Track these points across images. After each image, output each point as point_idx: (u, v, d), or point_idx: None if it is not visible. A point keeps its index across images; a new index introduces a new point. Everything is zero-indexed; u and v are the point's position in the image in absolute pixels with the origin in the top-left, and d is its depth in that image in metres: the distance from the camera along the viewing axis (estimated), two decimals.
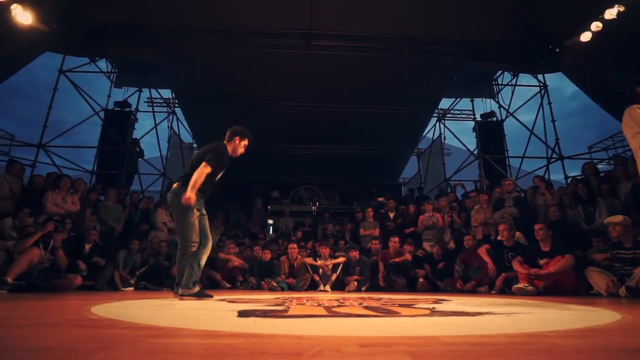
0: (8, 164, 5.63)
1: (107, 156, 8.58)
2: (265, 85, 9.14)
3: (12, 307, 2.18)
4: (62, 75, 8.57)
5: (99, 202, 6.26)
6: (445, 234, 6.76)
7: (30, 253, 4.00)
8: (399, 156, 12.39)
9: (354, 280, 5.69)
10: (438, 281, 5.75)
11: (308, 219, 10.64)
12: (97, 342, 1.05)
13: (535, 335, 1.22)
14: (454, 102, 10.77)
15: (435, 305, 2.67)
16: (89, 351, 0.93)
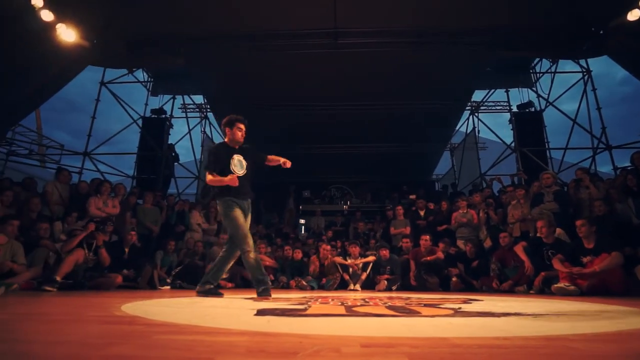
0: (57, 171, 6.09)
1: (146, 161, 9.03)
2: (294, 86, 9.22)
3: (54, 304, 2.35)
4: (104, 87, 9.11)
5: (137, 205, 6.59)
6: (480, 231, 6.50)
7: (75, 254, 4.29)
8: (432, 152, 12.03)
9: (384, 279, 5.61)
10: (473, 280, 5.54)
11: (339, 218, 10.63)
12: (110, 338, 1.11)
13: (556, 339, 1.14)
14: (488, 94, 10.32)
15: (463, 305, 2.57)
16: (98, 346, 0.98)
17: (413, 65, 8.21)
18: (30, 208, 5.19)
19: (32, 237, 4.68)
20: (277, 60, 8.21)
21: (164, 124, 9.38)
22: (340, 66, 8.41)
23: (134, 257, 5.22)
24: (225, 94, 9.82)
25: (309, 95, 9.54)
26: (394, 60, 8.03)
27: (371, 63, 8.22)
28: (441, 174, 13.59)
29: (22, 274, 4.03)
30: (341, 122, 10.13)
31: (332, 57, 8.07)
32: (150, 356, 0.87)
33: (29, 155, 8.47)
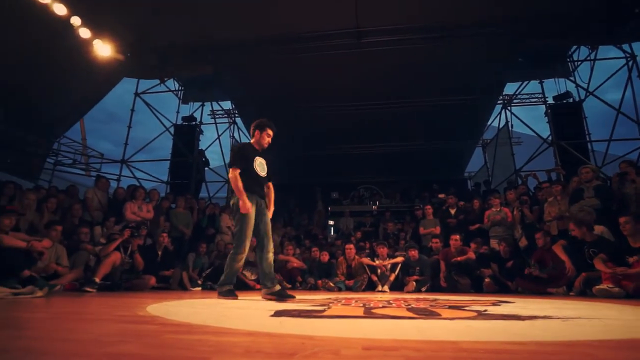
0: (96, 179, 6.46)
1: (178, 167, 9.39)
2: (319, 87, 9.26)
3: (87, 304, 2.49)
4: (138, 97, 9.57)
5: (170, 209, 6.86)
6: (515, 230, 6.20)
7: (112, 256, 4.53)
8: (463, 149, 11.66)
9: (413, 280, 5.49)
10: (508, 281, 5.29)
11: (369, 218, 10.54)
12: (122, 336, 1.15)
13: (575, 345, 1.06)
14: (521, 86, 9.83)
15: (490, 307, 2.46)
16: (107, 343, 1.03)
17: (439, 60, 8.01)
18: (73, 214, 5.54)
19: (74, 241, 4.99)
20: (302, 62, 8.29)
21: (195, 130, 9.71)
22: (365, 65, 8.35)
23: (166, 260, 5.43)
24: (252, 99, 10.03)
25: (334, 96, 9.55)
26: (418, 56, 7.86)
27: (396, 60, 8.10)
28: (474, 172, 13.13)
29: (65, 275, 4.31)
30: (368, 121, 10.06)
31: (355, 57, 8.03)
32: (151, 354, 0.90)
33: (73, 165, 9.06)
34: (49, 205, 5.18)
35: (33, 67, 6.81)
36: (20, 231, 4.27)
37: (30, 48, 6.50)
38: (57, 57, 7.01)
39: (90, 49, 7.01)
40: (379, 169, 12.51)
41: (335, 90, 9.33)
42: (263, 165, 3.45)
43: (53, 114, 7.96)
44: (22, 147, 7.44)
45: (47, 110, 7.78)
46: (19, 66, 6.67)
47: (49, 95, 7.58)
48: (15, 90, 6.96)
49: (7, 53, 6.37)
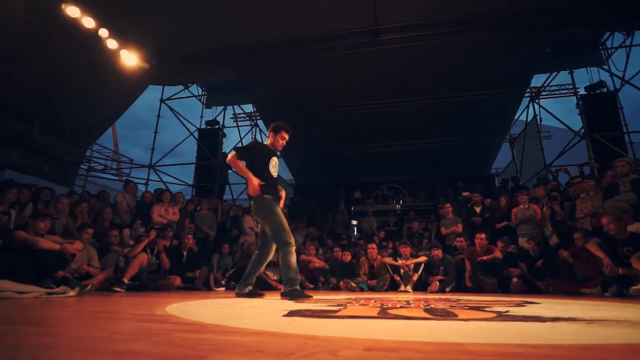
0: (125, 183, 6.72)
1: (203, 170, 9.63)
2: (340, 87, 9.25)
3: (111, 303, 2.60)
4: (163, 104, 9.89)
5: (195, 211, 7.04)
6: (545, 227, 5.95)
7: (140, 258, 4.70)
8: (489, 145, 11.29)
9: (437, 280, 5.37)
10: (537, 281, 5.09)
11: (392, 218, 10.41)
12: (133, 334, 1.19)
13: (592, 348, 1.00)
14: (549, 78, 9.41)
15: (513, 308, 2.36)
16: (117, 341, 1.06)
17: (460, 54, 7.81)
18: (104, 217, 5.80)
19: (105, 243, 5.21)
20: (322, 62, 8.30)
21: (218, 134, 9.93)
22: (385, 62, 8.26)
23: (191, 261, 5.58)
24: (273, 101, 10.14)
25: (355, 95, 9.52)
26: (439, 51, 7.70)
27: (417, 56, 7.97)
28: (501, 168, 12.69)
29: (96, 276, 4.51)
30: (390, 119, 9.94)
31: (375, 54, 7.96)
32: (154, 352, 0.92)
33: (104, 170, 9.48)
34: (81, 210, 5.44)
35: (65, 79, 7.18)
36: (55, 234, 4.51)
37: (62, 61, 6.86)
38: (86, 68, 7.36)
39: (117, 59, 7.33)
40: (403, 167, 12.33)
41: (356, 88, 9.29)
42: (277, 166, 3.50)
43: (85, 123, 8.37)
44: (57, 155, 7.86)
45: (79, 119, 8.18)
46: (52, 79, 7.05)
47: (80, 105, 7.98)
48: (49, 101, 7.37)
49: (40, 67, 6.75)
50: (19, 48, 6.33)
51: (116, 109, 9.16)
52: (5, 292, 2.89)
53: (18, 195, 4.76)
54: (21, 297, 2.93)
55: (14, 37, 6.13)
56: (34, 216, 4.02)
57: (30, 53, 6.54)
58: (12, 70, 6.59)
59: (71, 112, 7.95)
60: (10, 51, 6.34)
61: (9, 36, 6.08)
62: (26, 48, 6.39)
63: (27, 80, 6.87)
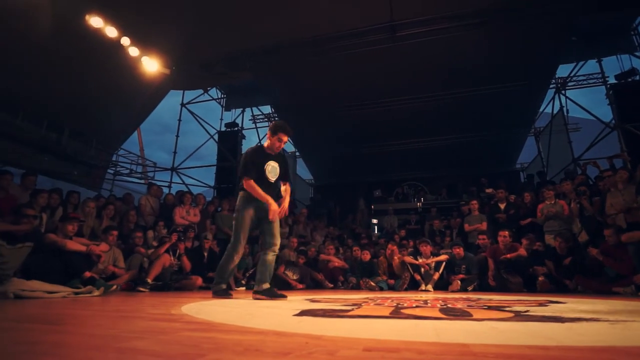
0: (148, 186, 6.93)
1: (223, 172, 9.80)
2: (357, 85, 9.19)
3: (131, 302, 2.68)
4: (184, 108, 10.14)
5: (216, 212, 7.17)
6: (573, 224, 5.71)
7: (162, 258, 4.84)
8: (513, 139, 10.93)
9: (458, 279, 5.25)
10: (566, 280, 4.88)
11: (413, 216, 10.27)
12: (141, 333, 1.22)
13: (605, 351, 0.95)
14: (576, 67, 8.99)
15: (534, 308, 2.28)
16: (125, 339, 1.10)
17: (481, 46, 7.59)
18: (128, 219, 6.00)
19: (130, 245, 5.40)
20: (339, 61, 8.26)
21: (237, 136, 10.08)
22: (402, 58, 8.15)
23: (212, 261, 5.69)
24: (290, 101, 10.19)
25: (373, 93, 9.43)
26: (458, 44, 7.51)
27: (434, 51, 7.81)
28: (526, 163, 12.26)
29: (122, 276, 4.68)
30: (410, 116, 9.80)
31: (392, 51, 7.85)
32: (155, 350, 0.94)
33: (130, 174, 9.82)
34: (107, 212, 5.65)
35: (90, 87, 7.48)
36: (82, 236, 4.71)
37: (87, 70, 7.15)
38: (110, 77, 7.63)
39: (139, 66, 7.56)
40: (423, 165, 12.12)
41: (374, 86, 9.20)
42: (275, 169, 3.36)
43: (110, 129, 8.69)
44: (86, 161, 8.20)
45: (104, 126, 8.51)
46: (78, 88, 7.35)
47: (105, 113, 8.29)
48: (77, 110, 7.69)
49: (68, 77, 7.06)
50: (48, 60, 6.64)
51: (139, 115, 9.45)
52: (36, 292, 3.04)
53: (48, 200, 4.99)
54: (50, 296, 3.07)
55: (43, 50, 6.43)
56: (62, 219, 4.21)
57: (58, 64, 6.85)
58: (43, 81, 6.92)
59: (97, 120, 8.27)
60: (40, 64, 6.66)
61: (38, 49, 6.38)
62: (54, 60, 6.70)
63: (56, 90, 7.20)
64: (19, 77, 6.68)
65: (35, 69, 6.72)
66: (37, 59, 6.56)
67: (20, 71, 6.63)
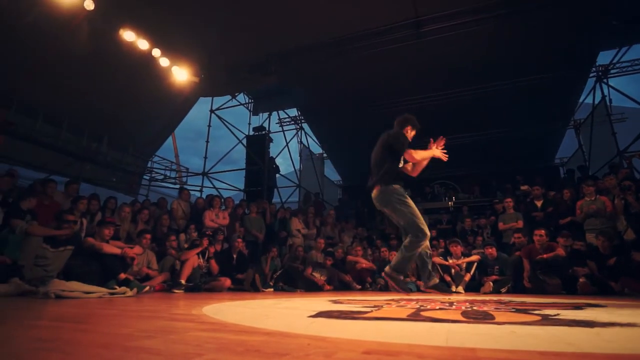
0: (179, 191, 7.19)
1: (252, 175, 9.99)
2: (383, 84, 9.07)
3: (158, 302, 2.79)
4: (213, 114, 10.44)
5: (244, 215, 7.32)
6: (618, 221, 5.32)
7: (191, 260, 5.00)
8: (550, 133, 10.34)
9: (490, 280, 5.04)
10: (611, 282, 4.55)
11: (445, 215, 9.97)
12: (154, 332, 1.26)
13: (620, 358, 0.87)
14: (619, 53, 8.37)
15: (567, 311, 2.14)
16: (136, 338, 1.14)
17: (513, 38, 7.25)
18: (162, 223, 6.25)
19: (164, 247, 5.62)
20: (363, 61, 8.19)
21: (264, 139, 10.25)
22: (430, 54, 7.93)
23: (241, 263, 5.81)
24: (316, 103, 10.22)
25: (399, 91, 9.27)
26: (490, 37, 7.21)
27: (463, 45, 7.53)
28: (566, 157, 11.57)
29: (155, 278, 4.89)
30: (439, 113, 9.51)
31: (419, 47, 7.66)
32: (159, 349, 0.97)
33: (164, 180, 10.26)
34: (142, 217, 5.92)
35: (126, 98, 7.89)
36: (119, 240, 4.95)
37: (122, 81, 7.55)
38: (144, 87, 8.02)
39: (169, 76, 7.89)
40: (455, 162, 11.70)
41: (401, 84, 9.03)
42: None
43: (144, 137, 9.12)
44: (123, 167, 8.65)
45: (139, 134, 8.94)
46: (115, 99, 7.78)
47: (140, 121, 8.71)
48: (114, 120, 8.13)
49: (105, 89, 7.49)
50: (86, 75, 7.08)
51: (171, 122, 9.86)
52: (75, 292, 3.23)
53: (88, 205, 5.30)
54: (87, 296, 3.26)
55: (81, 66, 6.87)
56: (99, 224, 4.46)
57: (96, 78, 7.29)
58: (82, 95, 7.39)
59: (133, 129, 8.71)
60: (80, 78, 7.12)
61: (77, 65, 6.82)
62: (92, 74, 7.13)
63: (94, 102, 7.66)
64: (60, 92, 7.17)
65: (75, 83, 7.18)
66: (77, 73, 7.01)
67: (61, 86, 7.11)
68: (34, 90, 7.01)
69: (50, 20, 6.01)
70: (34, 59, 6.56)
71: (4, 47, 6.19)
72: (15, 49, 6.33)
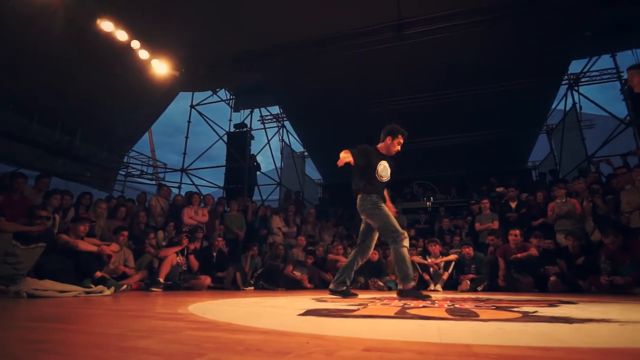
0: (158, 187, 7.02)
1: (232, 172, 9.87)
2: (365, 84, 9.16)
3: (140, 302, 2.72)
4: (193, 109, 10.24)
5: (224, 213, 7.23)
6: (586, 222, 5.60)
7: (169, 257, 4.89)
8: (524, 137, 10.76)
9: (468, 279, 5.19)
10: (579, 280, 4.79)
11: (423, 215, 10.18)
12: (146, 332, 1.24)
13: (610, 353, 0.93)
14: (589, 63, 8.80)
15: (543, 308, 2.24)
16: (129, 338, 1.11)
17: (491, 43, 7.50)
18: (139, 220, 6.08)
19: (141, 245, 5.47)
20: (346, 61, 8.24)
21: (246, 136, 10.14)
22: (411, 57, 8.08)
23: (221, 261, 5.74)
24: (299, 101, 10.20)
25: (381, 92, 9.39)
26: (468, 41, 7.42)
27: (443, 49, 7.73)
28: (538, 161, 12.06)
29: (132, 276, 4.75)
30: (419, 115, 9.70)
31: (400, 49, 7.79)
32: (158, 349, 0.96)
33: (140, 175, 9.97)
34: (118, 214, 5.73)
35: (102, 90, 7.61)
36: (94, 237, 4.78)
37: (98, 73, 7.28)
38: (121, 79, 7.76)
39: (148, 69, 7.66)
40: (433, 164, 12.00)
41: (382, 85, 9.15)
42: (387, 169, 3.47)
43: (121, 131, 8.83)
44: (98, 162, 8.35)
45: (115, 128, 8.65)
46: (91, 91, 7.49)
47: (117, 115, 8.43)
48: (89, 112, 7.84)
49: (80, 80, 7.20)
50: (60, 65, 6.78)
51: (150, 117, 9.58)
52: (48, 291, 3.10)
53: (61, 201, 5.09)
54: (62, 295, 3.13)
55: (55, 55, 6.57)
56: (74, 220, 4.29)
57: (70, 69, 6.99)
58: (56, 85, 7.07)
59: (109, 122, 8.42)
60: (53, 68, 6.81)
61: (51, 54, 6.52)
62: (66, 64, 6.84)
63: (68, 94, 7.35)
64: (32, 82, 6.84)
65: (49, 74, 6.87)
66: (50, 63, 6.71)
67: (34, 76, 6.78)
68: (3, 79, 6.66)
69: (23, 7, 5.72)
70: (3, 46, 6.23)
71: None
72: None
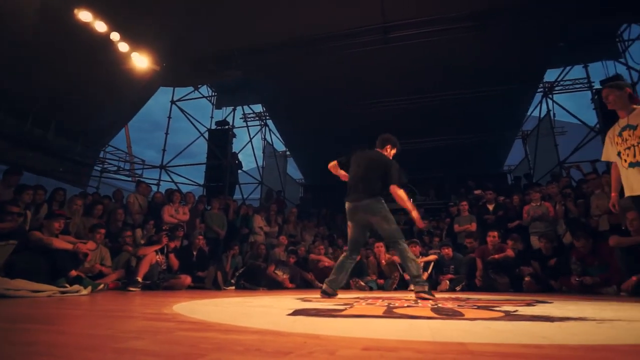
0: (137, 184, 6.83)
1: (213, 170, 9.71)
2: (348, 86, 9.21)
3: (122, 302, 2.64)
4: (174, 105, 10.01)
5: (205, 211, 7.11)
6: (559, 225, 5.84)
7: (149, 256, 4.77)
8: (501, 142, 11.11)
9: (447, 279, 5.32)
10: (551, 280, 4.99)
11: (402, 216, 10.32)
12: (137, 332, 1.21)
13: (598, 349, 0.98)
14: (563, 72, 9.19)
15: (522, 307, 2.32)
16: (121, 339, 1.08)
17: (471, 50, 7.69)
18: (116, 217, 5.89)
19: (118, 243, 5.30)
20: (330, 61, 8.26)
21: (228, 134, 10.00)
22: (394, 60, 8.19)
23: (201, 260, 5.64)
24: (282, 100, 10.16)
25: (364, 93, 9.46)
26: (449, 47, 7.59)
27: (425, 53, 7.88)
28: (513, 165, 12.49)
29: (109, 275, 4.61)
30: (399, 117, 9.84)
31: (384, 52, 7.88)
32: (155, 350, 0.94)
33: (117, 172, 9.66)
34: (94, 211, 5.54)
35: (78, 82, 7.31)
36: (69, 234, 4.60)
37: (75, 65, 6.99)
38: (99, 72, 7.48)
39: (128, 62, 7.43)
40: (412, 165, 12.21)
41: (364, 87, 9.24)
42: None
43: (97, 125, 8.52)
44: (72, 157, 8.03)
45: (92, 122, 8.33)
46: (66, 83, 7.19)
47: (93, 108, 8.12)
48: (64, 105, 7.52)
49: (55, 71, 6.90)
50: (34, 54, 6.47)
51: (128, 112, 9.28)
52: (21, 291, 2.96)
53: (33, 196, 4.88)
54: (35, 295, 3.00)
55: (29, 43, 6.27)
56: (48, 217, 4.12)
57: (44, 59, 6.68)
58: (27, 75, 6.75)
59: (84, 116, 8.10)
60: (25, 57, 6.49)
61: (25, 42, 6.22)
62: (40, 54, 6.53)
63: (41, 85, 7.03)
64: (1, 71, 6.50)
65: (20, 62, 6.54)
66: (22, 52, 6.39)
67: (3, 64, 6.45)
68: None
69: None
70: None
71: None
72: None
